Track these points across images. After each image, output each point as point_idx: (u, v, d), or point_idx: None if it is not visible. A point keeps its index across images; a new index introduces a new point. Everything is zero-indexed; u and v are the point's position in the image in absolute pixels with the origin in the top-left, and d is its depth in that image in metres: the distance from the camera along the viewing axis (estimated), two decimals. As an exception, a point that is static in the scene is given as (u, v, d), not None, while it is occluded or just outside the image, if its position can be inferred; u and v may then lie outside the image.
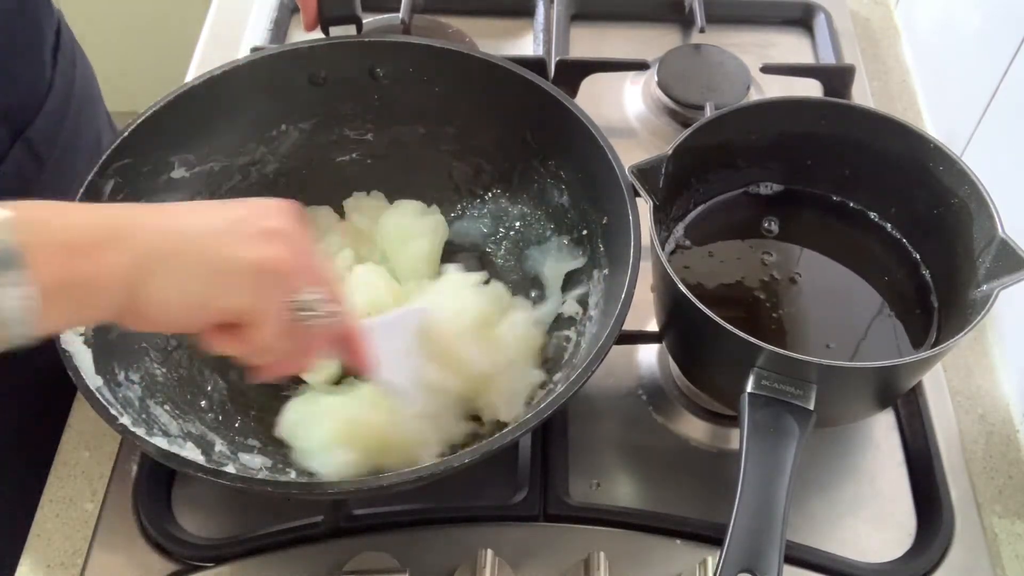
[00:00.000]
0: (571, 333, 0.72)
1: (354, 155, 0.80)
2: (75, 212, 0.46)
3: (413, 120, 0.80)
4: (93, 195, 0.65)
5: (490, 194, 0.81)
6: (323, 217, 0.79)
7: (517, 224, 0.80)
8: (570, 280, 0.75)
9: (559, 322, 0.74)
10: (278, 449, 0.69)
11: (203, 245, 0.47)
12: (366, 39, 0.76)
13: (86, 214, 0.46)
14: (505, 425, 0.65)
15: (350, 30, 0.77)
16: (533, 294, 0.77)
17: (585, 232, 0.74)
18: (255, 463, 0.66)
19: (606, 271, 0.71)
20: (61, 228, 0.44)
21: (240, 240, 0.48)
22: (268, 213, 0.50)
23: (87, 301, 0.45)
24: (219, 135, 0.74)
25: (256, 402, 0.71)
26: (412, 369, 0.65)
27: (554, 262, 0.76)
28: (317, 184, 0.79)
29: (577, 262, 0.75)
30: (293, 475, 0.65)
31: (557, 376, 0.69)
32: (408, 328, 0.66)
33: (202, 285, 0.47)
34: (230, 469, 0.61)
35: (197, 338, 0.51)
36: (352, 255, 0.76)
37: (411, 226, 0.77)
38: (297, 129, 0.79)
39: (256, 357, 0.52)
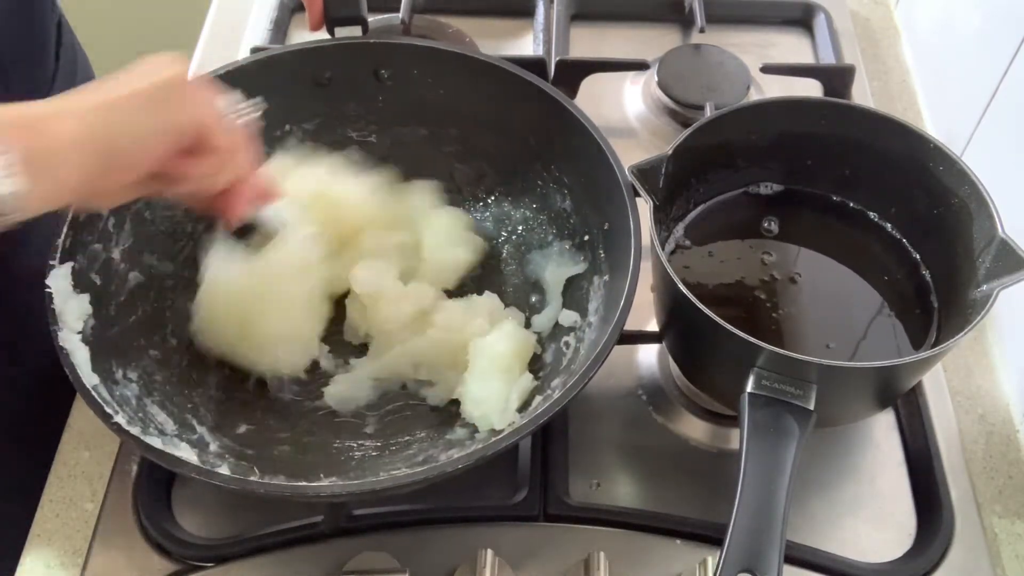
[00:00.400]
0: (571, 339, 0.72)
1: (357, 156, 0.80)
2: (17, 106, 0.49)
3: (416, 121, 0.80)
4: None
5: (492, 197, 0.81)
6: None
7: (519, 228, 0.80)
8: (570, 286, 0.75)
9: (558, 328, 0.73)
10: (277, 450, 0.69)
11: (131, 87, 0.53)
12: (371, 40, 0.76)
13: (28, 105, 0.50)
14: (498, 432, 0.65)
15: (355, 31, 0.76)
16: (534, 299, 0.76)
17: (587, 238, 0.74)
18: (253, 461, 0.66)
19: (606, 277, 0.71)
20: (14, 113, 0.48)
21: (153, 73, 0.54)
22: (155, 58, 0.56)
23: (62, 164, 0.49)
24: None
25: (255, 402, 0.71)
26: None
27: (555, 267, 0.76)
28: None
29: (578, 268, 0.74)
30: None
31: (555, 382, 0.69)
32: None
33: (150, 111, 0.53)
34: (224, 470, 0.61)
35: (160, 182, 0.56)
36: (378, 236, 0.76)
37: (461, 235, 0.77)
38: (301, 129, 0.79)
39: (219, 167, 0.58)
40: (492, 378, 0.67)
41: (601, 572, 0.62)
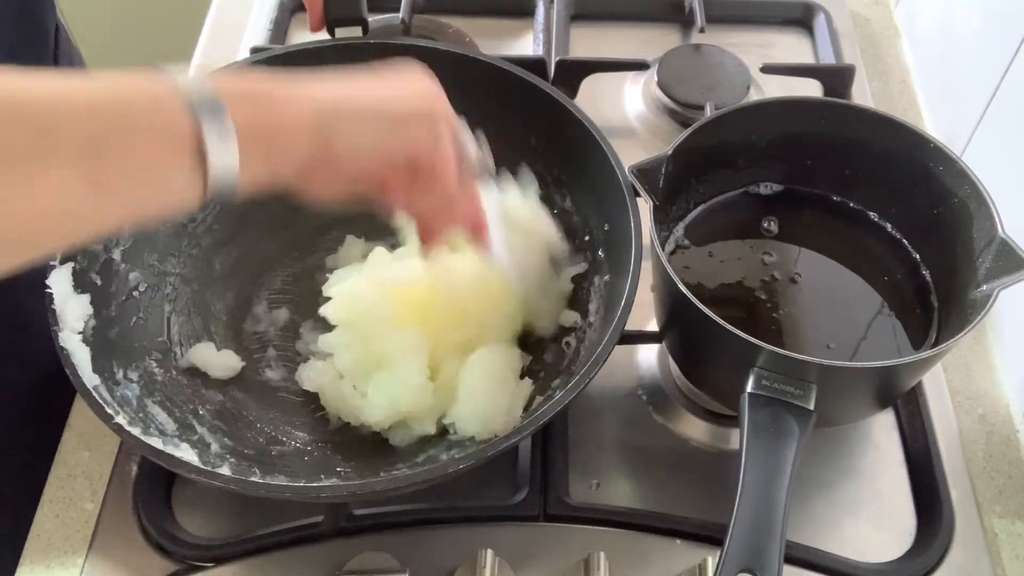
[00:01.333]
0: (571, 339, 0.72)
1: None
2: (254, 78, 0.48)
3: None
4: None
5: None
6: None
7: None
8: (571, 286, 0.75)
9: (559, 328, 0.73)
10: (276, 449, 0.69)
11: (375, 99, 0.52)
12: (372, 41, 0.76)
13: (265, 79, 0.48)
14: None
15: (355, 31, 0.76)
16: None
17: (587, 238, 0.74)
18: (252, 461, 0.66)
19: (607, 277, 0.71)
20: (249, 84, 0.47)
21: (408, 93, 0.54)
22: (418, 77, 0.56)
23: (280, 147, 0.47)
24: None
25: (254, 402, 0.72)
26: (507, 249, 0.67)
27: (558, 267, 0.75)
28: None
29: (578, 268, 0.74)
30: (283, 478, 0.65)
31: (556, 382, 0.69)
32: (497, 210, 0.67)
33: (387, 130, 0.52)
34: (224, 470, 0.61)
35: (383, 191, 0.55)
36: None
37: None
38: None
39: (435, 212, 0.57)
40: (484, 392, 0.67)
41: (601, 572, 0.62)
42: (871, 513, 0.69)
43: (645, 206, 0.66)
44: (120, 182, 0.42)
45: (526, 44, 1.02)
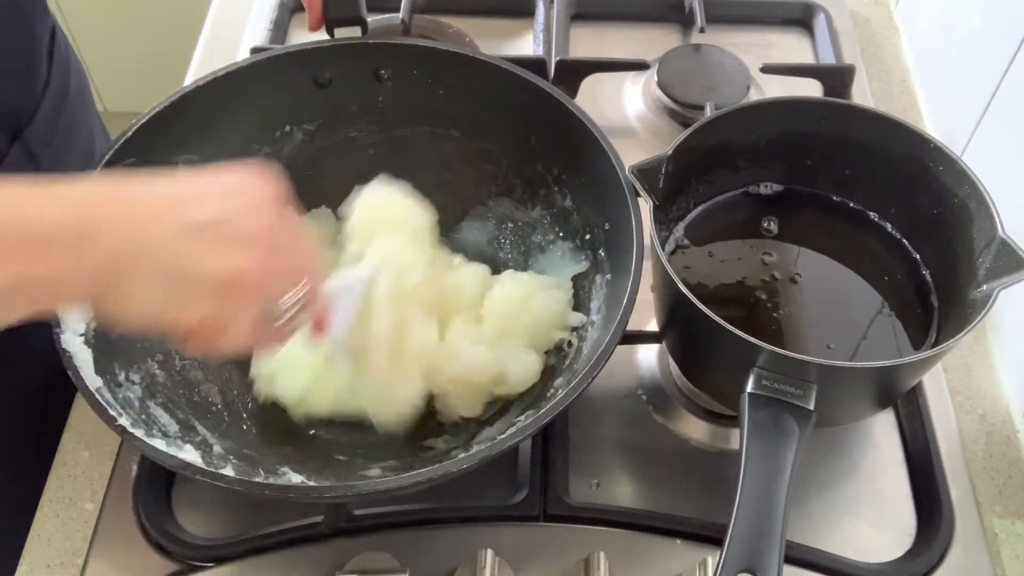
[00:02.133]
0: (572, 338, 0.72)
1: (358, 157, 0.80)
2: (45, 202, 0.44)
3: (416, 122, 0.79)
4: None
5: (494, 198, 0.81)
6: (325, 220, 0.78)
7: (521, 228, 0.80)
8: (572, 285, 0.75)
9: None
10: (275, 450, 0.69)
11: (168, 252, 0.46)
12: (371, 41, 0.76)
13: (58, 206, 0.44)
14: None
15: (355, 31, 0.76)
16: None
17: (588, 237, 0.74)
18: (254, 461, 0.66)
19: (608, 276, 0.71)
20: (27, 220, 0.43)
21: (208, 248, 0.46)
22: (244, 209, 0.48)
23: (50, 295, 0.45)
24: (223, 136, 0.74)
25: (256, 402, 0.71)
26: (351, 329, 0.64)
27: (558, 267, 0.76)
28: (320, 186, 0.79)
29: (580, 267, 0.74)
30: (290, 475, 0.65)
31: (558, 381, 0.69)
32: (358, 290, 0.65)
33: (165, 294, 0.46)
34: (228, 471, 0.61)
35: (169, 338, 0.51)
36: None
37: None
38: (301, 130, 0.79)
39: (225, 353, 0.51)
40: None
41: (601, 572, 0.62)
42: (871, 513, 0.69)
43: (645, 206, 0.66)
44: None
45: (526, 44, 1.03)
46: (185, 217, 0.46)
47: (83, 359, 0.60)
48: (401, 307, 0.67)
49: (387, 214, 0.73)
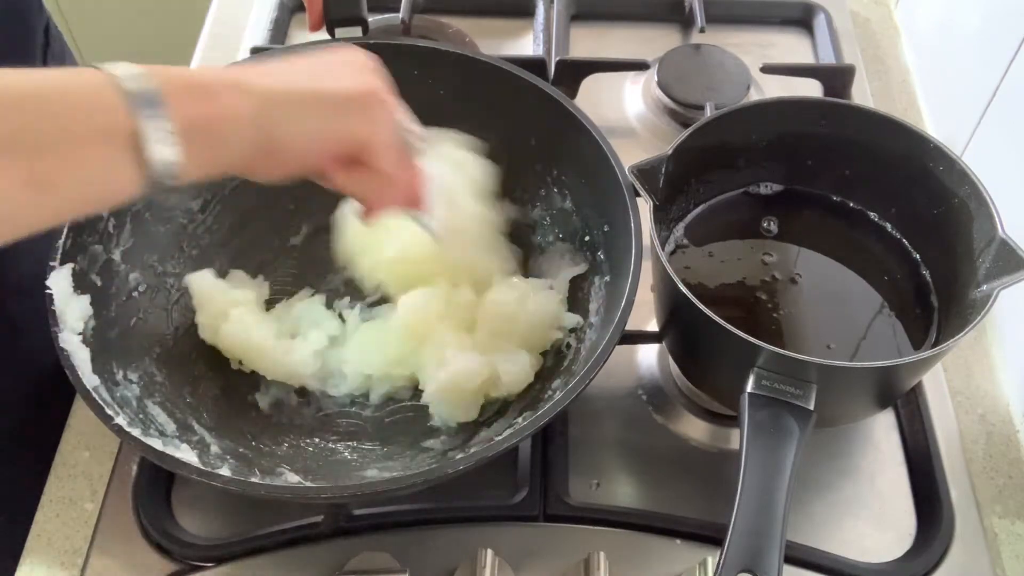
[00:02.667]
0: (571, 340, 0.72)
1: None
2: (194, 69, 0.50)
3: (416, 122, 0.79)
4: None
5: (494, 199, 0.80)
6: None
7: (521, 230, 0.79)
8: (571, 286, 0.75)
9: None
10: (273, 450, 0.69)
11: (316, 85, 0.52)
12: (371, 41, 0.76)
13: (204, 71, 0.50)
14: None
15: (355, 31, 0.76)
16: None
17: (587, 238, 0.74)
18: (251, 462, 0.66)
19: (607, 278, 0.71)
20: (189, 76, 0.47)
21: (342, 75, 0.53)
22: (356, 56, 0.56)
23: (222, 139, 0.48)
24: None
25: (255, 403, 0.72)
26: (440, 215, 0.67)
27: (557, 269, 0.76)
28: (319, 186, 0.79)
29: (579, 268, 0.74)
30: (287, 475, 0.65)
31: (555, 383, 0.69)
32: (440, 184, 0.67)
33: (325, 117, 0.52)
34: (225, 471, 0.61)
35: (326, 178, 0.56)
36: None
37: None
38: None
39: (376, 190, 0.57)
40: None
41: (601, 572, 0.62)
42: (871, 513, 0.69)
43: (645, 206, 0.66)
44: (59, 180, 0.42)
45: (526, 44, 1.03)
46: (315, 64, 0.54)
47: (81, 358, 0.60)
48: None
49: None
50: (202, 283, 0.72)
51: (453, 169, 0.69)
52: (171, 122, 0.44)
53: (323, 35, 0.77)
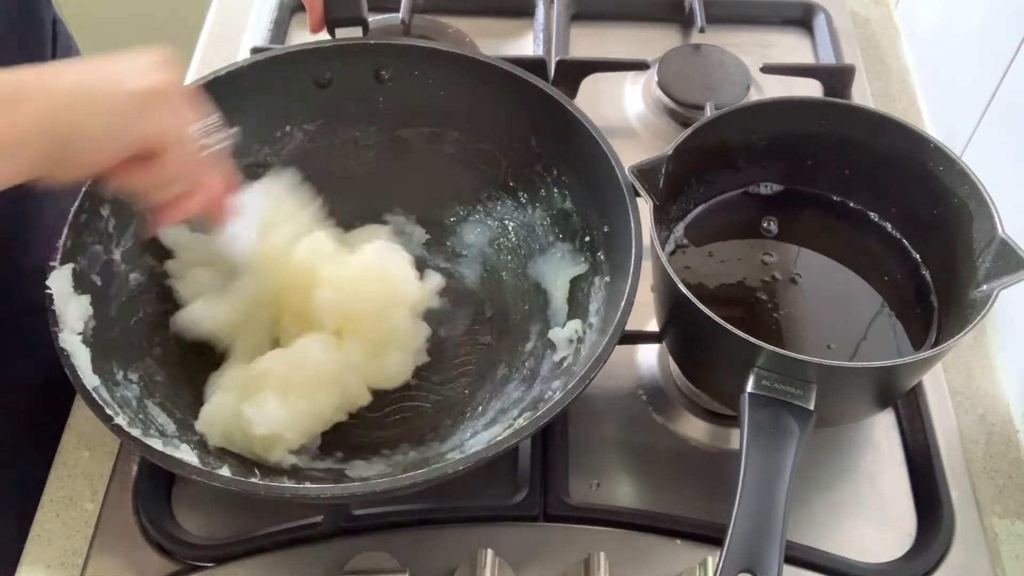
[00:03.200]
0: (572, 338, 0.72)
1: (358, 157, 0.80)
2: None
3: (417, 122, 0.80)
4: (94, 196, 0.65)
5: (494, 199, 0.81)
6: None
7: (521, 230, 0.80)
8: (572, 287, 0.75)
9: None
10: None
11: (106, 86, 0.52)
12: (371, 41, 0.76)
13: None
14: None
15: (355, 31, 0.76)
16: (542, 308, 0.76)
17: (587, 239, 0.74)
18: (250, 464, 0.66)
19: (607, 278, 0.71)
20: None
21: (137, 75, 0.53)
22: (147, 55, 0.55)
23: (9, 154, 0.48)
24: (223, 136, 0.74)
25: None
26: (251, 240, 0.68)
27: (557, 269, 0.76)
28: (320, 186, 0.79)
29: (579, 269, 0.74)
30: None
31: (556, 383, 0.69)
32: (262, 203, 0.69)
33: (116, 117, 0.52)
34: (225, 471, 0.61)
35: (108, 179, 0.56)
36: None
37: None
38: (301, 131, 0.79)
39: (161, 189, 0.57)
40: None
41: (601, 572, 0.62)
42: (871, 513, 0.69)
43: (645, 206, 0.66)
44: None
45: (526, 44, 1.03)
46: (105, 63, 0.54)
47: (81, 358, 0.60)
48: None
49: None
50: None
51: (275, 200, 0.69)
52: None
53: (323, 36, 0.77)
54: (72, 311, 0.62)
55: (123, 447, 0.72)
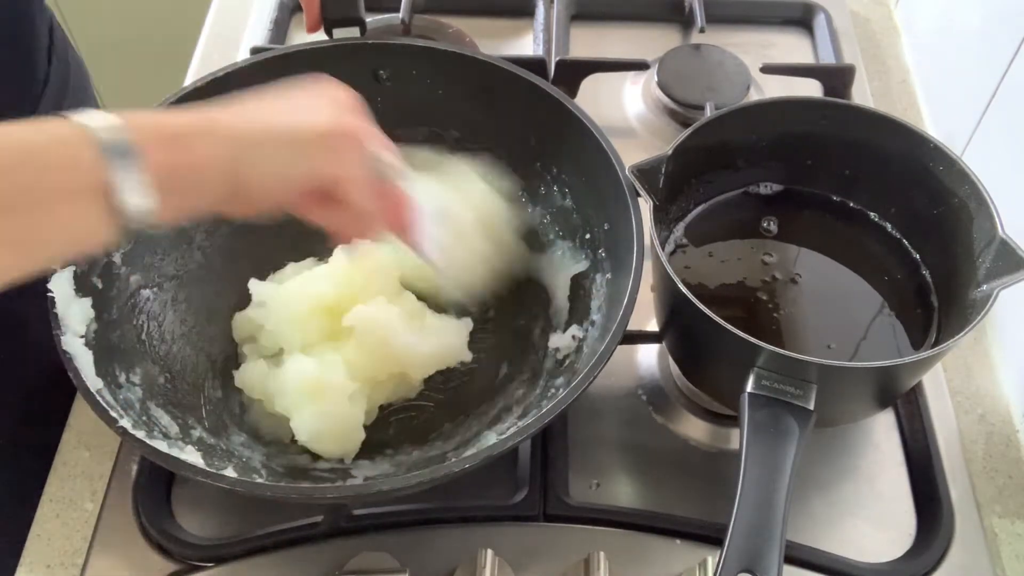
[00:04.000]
0: (576, 333, 0.72)
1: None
2: (169, 114, 0.50)
3: (416, 122, 0.79)
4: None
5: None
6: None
7: (522, 229, 0.79)
8: (573, 285, 0.75)
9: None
10: (276, 449, 0.69)
11: (286, 124, 0.53)
12: (369, 41, 0.76)
13: (179, 115, 0.49)
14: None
15: (353, 31, 0.76)
16: (543, 309, 0.76)
17: (588, 236, 0.74)
18: (255, 463, 0.66)
19: (609, 275, 0.71)
20: (162, 125, 0.48)
21: (316, 113, 0.54)
22: (331, 91, 0.57)
23: (195, 186, 0.49)
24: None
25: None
26: (443, 246, 0.66)
27: (558, 267, 0.76)
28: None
29: (580, 266, 0.74)
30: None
31: (559, 381, 0.69)
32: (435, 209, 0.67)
33: (294, 156, 0.52)
34: (229, 472, 0.61)
35: (299, 214, 0.57)
36: None
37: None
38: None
39: (350, 225, 0.58)
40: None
41: (601, 572, 0.62)
42: (871, 513, 0.69)
43: (645, 206, 0.66)
44: (32, 238, 0.43)
45: (526, 44, 1.03)
46: (288, 100, 0.55)
47: (84, 360, 0.60)
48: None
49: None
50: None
51: (461, 199, 0.69)
52: (145, 173, 0.45)
53: (322, 35, 0.77)
54: (74, 314, 0.62)
55: (123, 447, 0.72)
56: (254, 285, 0.72)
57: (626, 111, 0.97)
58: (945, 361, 0.77)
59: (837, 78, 0.95)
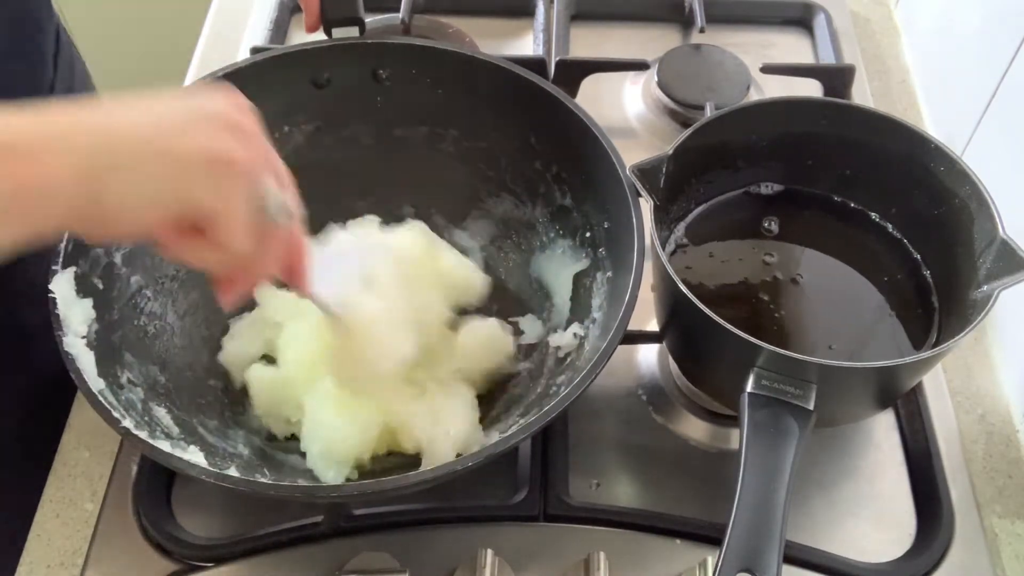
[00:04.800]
0: (579, 331, 0.72)
1: (357, 158, 0.80)
2: (13, 121, 0.42)
3: (416, 122, 0.80)
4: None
5: (494, 197, 0.81)
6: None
7: (521, 227, 0.80)
8: (574, 283, 0.75)
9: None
10: (277, 449, 0.69)
11: (157, 140, 0.44)
12: (369, 41, 0.76)
13: (29, 121, 0.42)
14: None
15: (353, 31, 0.76)
16: (544, 309, 0.76)
17: (588, 235, 0.74)
18: (256, 462, 0.66)
19: (609, 274, 0.71)
20: (2, 133, 0.41)
21: (196, 132, 0.45)
22: (220, 104, 0.47)
23: (41, 207, 0.42)
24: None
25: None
26: (345, 292, 0.63)
27: (559, 265, 0.76)
28: (319, 186, 0.79)
29: (580, 264, 0.74)
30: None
31: (560, 379, 0.69)
32: (352, 260, 0.66)
33: (161, 180, 0.44)
34: (232, 472, 0.61)
35: (161, 246, 0.48)
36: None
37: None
38: (300, 131, 0.78)
39: (222, 263, 0.49)
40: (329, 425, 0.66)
41: (601, 572, 0.62)
42: (871, 513, 0.69)
43: (646, 205, 0.66)
44: None
45: (526, 44, 1.03)
46: (165, 109, 0.46)
47: (86, 361, 0.60)
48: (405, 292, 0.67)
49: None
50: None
51: (371, 250, 0.67)
52: None
53: (321, 35, 0.77)
54: (75, 314, 0.62)
55: (123, 447, 0.72)
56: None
57: (626, 111, 0.97)
58: (945, 361, 0.77)
59: (837, 78, 0.95)
